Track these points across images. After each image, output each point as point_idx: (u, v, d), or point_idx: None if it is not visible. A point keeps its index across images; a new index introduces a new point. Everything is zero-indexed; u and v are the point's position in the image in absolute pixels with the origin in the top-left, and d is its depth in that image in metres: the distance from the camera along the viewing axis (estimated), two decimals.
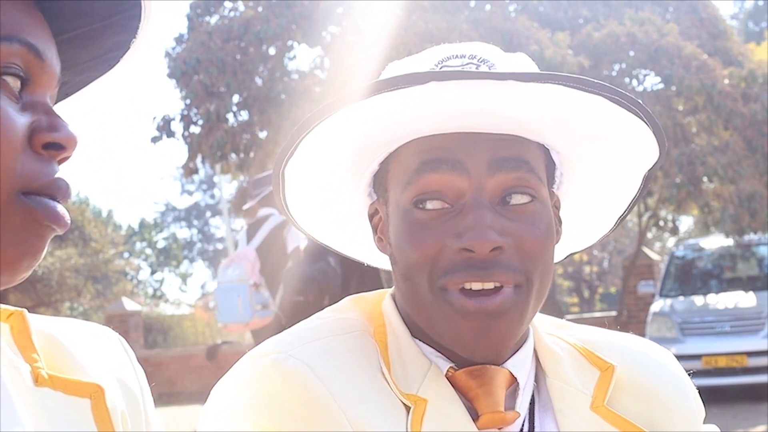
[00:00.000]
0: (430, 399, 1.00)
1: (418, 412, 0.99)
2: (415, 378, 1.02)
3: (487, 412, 1.01)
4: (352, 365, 1.01)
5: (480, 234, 0.96)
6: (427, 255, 0.99)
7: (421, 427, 0.98)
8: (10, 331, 0.90)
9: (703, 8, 12.34)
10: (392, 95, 0.96)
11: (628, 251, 19.01)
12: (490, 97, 0.97)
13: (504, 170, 0.99)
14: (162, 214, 38.55)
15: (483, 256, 0.97)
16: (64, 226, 0.81)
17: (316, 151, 1.06)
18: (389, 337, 1.06)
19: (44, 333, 0.92)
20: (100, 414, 0.88)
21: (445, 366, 1.04)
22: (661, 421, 1.08)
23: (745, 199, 11.40)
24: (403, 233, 1.02)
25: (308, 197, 1.14)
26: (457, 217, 0.99)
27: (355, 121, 1.01)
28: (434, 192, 1.00)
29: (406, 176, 1.02)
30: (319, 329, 1.06)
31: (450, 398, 1.02)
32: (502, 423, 1.02)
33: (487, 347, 0.98)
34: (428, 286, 1.00)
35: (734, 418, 9.12)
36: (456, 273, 0.98)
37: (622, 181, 1.14)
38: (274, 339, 1.05)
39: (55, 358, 0.90)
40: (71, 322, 0.98)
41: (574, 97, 0.98)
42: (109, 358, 0.96)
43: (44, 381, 0.87)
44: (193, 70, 11.45)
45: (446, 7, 11.15)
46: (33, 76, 0.80)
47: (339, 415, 0.96)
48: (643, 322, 12.20)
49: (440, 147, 1.01)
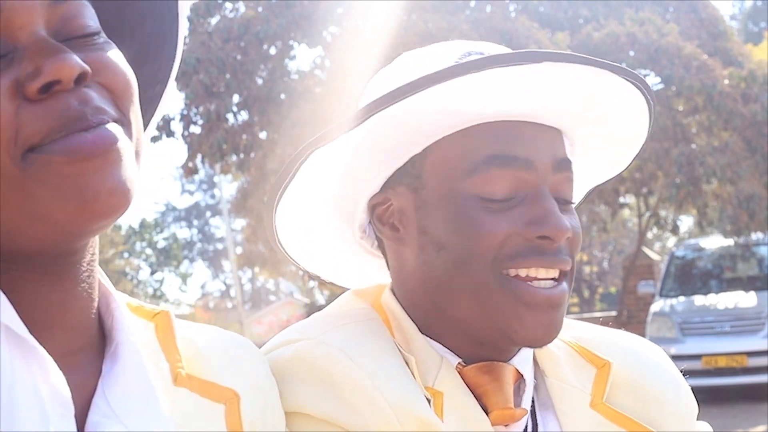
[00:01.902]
0: (445, 392, 1.00)
1: (438, 405, 0.99)
2: (429, 371, 1.02)
3: (497, 408, 1.02)
4: (379, 351, 1.01)
5: (559, 223, 0.99)
6: (493, 242, 0.99)
7: (443, 418, 0.98)
8: (154, 329, 0.90)
9: (703, 8, 12.34)
10: (465, 79, 0.95)
11: (628, 251, 19.00)
12: (552, 87, 0.99)
13: (562, 170, 1.04)
14: (162, 214, 38.57)
15: (556, 245, 1.00)
16: (100, 145, 0.74)
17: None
18: (395, 331, 1.06)
19: (185, 337, 0.92)
20: (233, 420, 0.88)
21: (454, 361, 1.04)
22: (655, 418, 1.09)
23: (744, 200, 11.40)
24: (464, 220, 1.01)
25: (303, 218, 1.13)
26: (523, 206, 1.00)
27: (412, 109, 0.99)
28: (508, 189, 1.01)
29: (467, 164, 1.01)
30: (340, 316, 1.06)
31: (464, 392, 1.02)
32: (511, 419, 1.02)
33: (548, 339, 1.01)
34: (491, 272, 0.99)
35: (734, 418, 9.12)
36: (527, 258, 0.99)
37: (615, 158, 1.17)
38: (294, 327, 1.05)
39: (194, 362, 0.90)
40: (212, 329, 0.98)
41: (602, 80, 1.01)
42: (246, 367, 0.95)
43: (183, 381, 0.87)
44: (194, 70, 11.44)
45: (446, 7, 11.15)
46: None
47: (380, 400, 0.96)
48: (643, 322, 12.20)
49: (508, 139, 1.01)
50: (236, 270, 23.57)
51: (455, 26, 10.57)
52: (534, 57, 0.95)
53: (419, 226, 1.05)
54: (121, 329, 0.85)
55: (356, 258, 1.18)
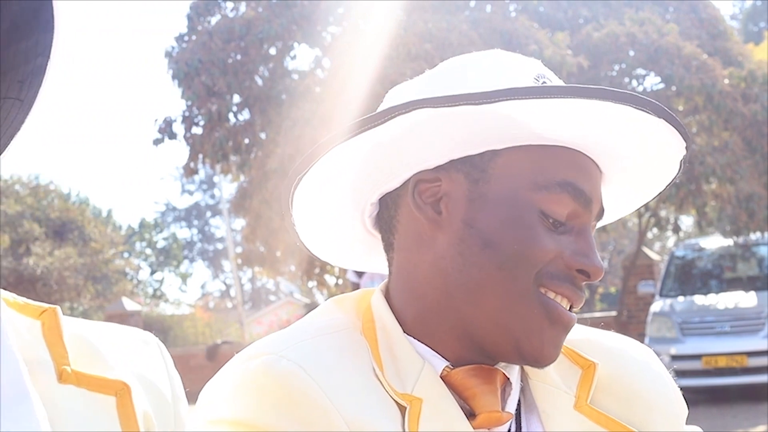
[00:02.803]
0: (425, 398, 1.00)
1: (414, 412, 0.99)
2: (408, 377, 1.02)
3: (484, 412, 1.02)
4: (344, 364, 1.01)
5: (599, 263, 1.04)
6: (544, 257, 1.02)
7: (418, 427, 0.98)
8: (41, 327, 0.89)
9: (703, 8, 12.34)
10: (558, 102, 0.99)
11: (628, 251, 19.00)
12: (611, 126, 1.03)
13: (599, 218, 1.09)
14: (162, 214, 38.58)
15: (587, 281, 1.05)
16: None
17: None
18: (378, 333, 1.06)
19: (76, 334, 0.91)
20: (125, 412, 0.88)
21: (440, 364, 1.04)
22: (642, 421, 1.09)
23: (743, 200, 11.40)
24: (523, 227, 1.02)
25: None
26: (571, 235, 1.04)
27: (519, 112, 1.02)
28: (567, 210, 1.04)
29: (542, 179, 1.03)
30: (307, 329, 1.05)
31: (445, 397, 1.01)
32: (498, 423, 1.02)
33: (553, 359, 1.04)
34: (533, 283, 1.02)
35: (734, 418, 9.12)
36: (563, 284, 1.03)
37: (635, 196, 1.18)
38: (263, 341, 1.04)
39: (83, 357, 0.90)
40: (107, 326, 0.98)
41: (650, 124, 1.03)
42: (141, 361, 0.95)
43: (68, 378, 0.87)
44: (195, 72, 11.44)
45: (446, 7, 11.15)
46: None
47: (335, 416, 0.95)
48: (643, 322, 12.20)
49: (582, 171, 1.05)
50: (236, 270, 23.55)
51: (455, 26, 10.57)
52: (618, 97, 0.99)
53: (467, 217, 1.04)
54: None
55: (361, 246, 1.18)
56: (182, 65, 11.52)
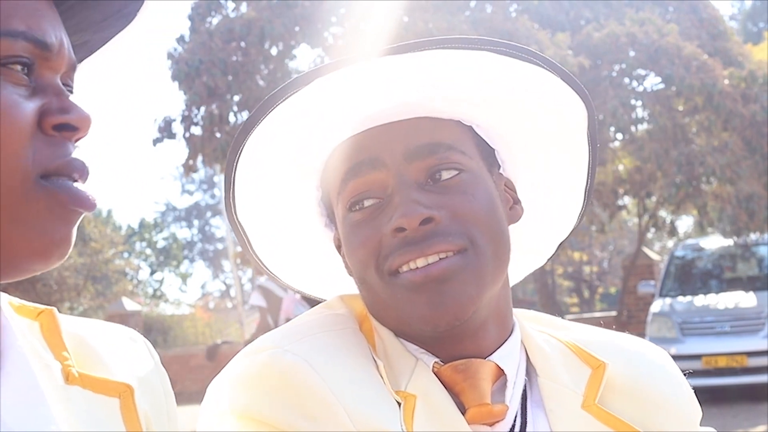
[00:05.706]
0: (418, 395, 1.01)
1: (409, 408, 0.99)
2: (402, 375, 1.03)
3: (473, 405, 1.02)
4: (347, 360, 1.02)
5: (406, 210, 0.99)
6: (370, 248, 1.02)
7: (413, 423, 0.98)
8: (40, 329, 0.89)
9: (703, 8, 12.34)
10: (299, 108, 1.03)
11: (628, 251, 19.00)
12: (384, 83, 1.01)
13: (420, 158, 1.03)
14: (162, 214, 38.56)
15: (416, 232, 0.99)
16: (90, 206, 0.80)
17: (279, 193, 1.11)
18: (375, 334, 1.07)
19: (72, 333, 0.92)
20: (129, 414, 0.88)
21: (430, 361, 1.05)
22: (656, 423, 1.08)
23: (743, 200, 11.40)
24: (349, 237, 1.05)
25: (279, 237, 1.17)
26: (388, 206, 1.02)
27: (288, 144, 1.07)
28: (362, 193, 1.03)
29: (337, 187, 1.06)
30: (312, 325, 1.06)
31: (438, 393, 1.02)
32: (489, 416, 1.02)
33: (444, 314, 0.99)
34: (378, 277, 1.02)
35: (734, 418, 9.12)
36: (395, 254, 1.00)
37: (570, 155, 1.15)
38: (268, 335, 1.05)
39: (83, 358, 0.90)
40: (97, 323, 0.98)
41: (469, 61, 1.01)
42: (135, 360, 0.96)
43: (75, 379, 0.87)
44: (196, 72, 11.44)
45: (447, 7, 11.14)
46: (40, 61, 0.80)
47: (339, 410, 0.96)
48: (643, 322, 12.20)
49: (359, 148, 1.04)
50: (236, 270, 23.53)
51: (455, 26, 10.56)
52: (302, 80, 1.02)
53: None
54: (7, 333, 0.84)
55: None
56: (183, 65, 11.52)
